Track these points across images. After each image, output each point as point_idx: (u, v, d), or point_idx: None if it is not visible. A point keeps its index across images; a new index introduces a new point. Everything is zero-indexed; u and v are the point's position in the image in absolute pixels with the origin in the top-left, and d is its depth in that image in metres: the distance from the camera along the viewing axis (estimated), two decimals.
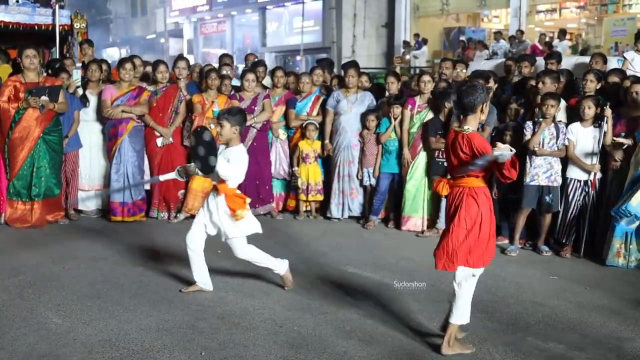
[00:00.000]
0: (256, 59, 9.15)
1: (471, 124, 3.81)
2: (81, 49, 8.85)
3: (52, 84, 6.70)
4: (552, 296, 4.98)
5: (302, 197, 7.41)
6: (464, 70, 7.26)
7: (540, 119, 6.06)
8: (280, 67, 8.49)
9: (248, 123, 7.24)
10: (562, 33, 15.57)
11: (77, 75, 7.45)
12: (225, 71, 8.00)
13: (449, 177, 4.04)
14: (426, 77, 7.02)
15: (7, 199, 6.72)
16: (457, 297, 3.86)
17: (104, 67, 7.72)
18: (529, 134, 6.09)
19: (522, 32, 15.64)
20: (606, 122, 5.85)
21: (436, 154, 6.79)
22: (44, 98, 6.51)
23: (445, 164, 6.58)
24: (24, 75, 6.65)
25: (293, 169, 7.42)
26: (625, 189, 5.66)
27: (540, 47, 14.19)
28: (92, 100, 7.21)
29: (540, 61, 7.82)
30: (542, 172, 6.08)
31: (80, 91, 7.25)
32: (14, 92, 6.58)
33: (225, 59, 8.79)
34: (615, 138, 5.87)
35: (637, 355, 4.00)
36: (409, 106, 6.97)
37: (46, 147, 6.67)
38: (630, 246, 5.72)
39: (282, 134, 7.54)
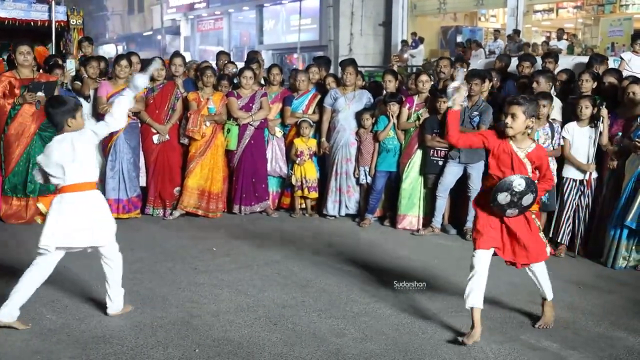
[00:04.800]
0: (262, 58, 9.10)
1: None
2: (80, 46, 8.83)
3: (46, 80, 6.69)
4: None
5: (298, 192, 7.41)
6: (464, 70, 7.24)
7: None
8: (276, 64, 8.47)
9: (245, 121, 7.27)
10: (562, 32, 15.60)
11: (71, 65, 7.43)
12: (230, 69, 8.00)
13: None
14: (424, 77, 7.04)
15: (2, 195, 6.71)
16: None
17: (102, 64, 7.70)
18: None
19: (518, 33, 15.65)
20: (602, 122, 5.87)
21: (431, 152, 6.80)
22: (40, 94, 6.49)
23: (441, 162, 6.69)
24: (19, 71, 6.63)
25: (290, 172, 7.43)
26: (625, 192, 5.68)
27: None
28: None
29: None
30: None
31: (88, 87, 7.15)
32: (9, 88, 6.57)
33: (222, 57, 8.78)
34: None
35: (629, 354, 4.02)
36: (407, 105, 6.99)
37: (42, 143, 6.64)
38: (633, 247, 5.73)
39: (278, 132, 7.54)
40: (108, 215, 4.25)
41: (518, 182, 3.95)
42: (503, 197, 3.96)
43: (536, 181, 4.07)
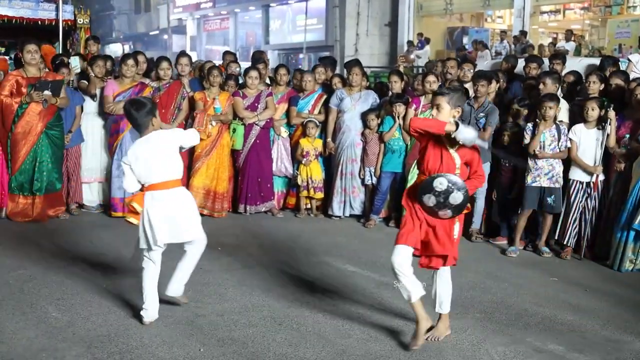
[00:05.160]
0: (268, 58, 9.12)
1: None
2: (87, 44, 8.85)
3: (53, 78, 6.71)
4: (551, 298, 4.98)
5: (304, 193, 7.41)
6: (471, 70, 7.20)
7: (538, 121, 6.06)
8: (283, 64, 8.48)
9: (251, 121, 7.28)
10: (570, 33, 15.54)
11: (75, 62, 7.44)
12: (233, 68, 8.02)
13: None
14: (431, 78, 7.01)
15: (8, 193, 6.73)
16: None
17: (108, 63, 7.71)
18: (528, 137, 6.08)
19: (524, 34, 15.61)
20: (609, 124, 5.85)
21: None
22: (47, 93, 6.51)
23: None
24: (25, 70, 6.65)
25: (296, 172, 7.42)
26: (632, 195, 5.66)
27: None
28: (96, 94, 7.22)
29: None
30: (544, 173, 6.07)
31: (94, 86, 7.16)
32: (15, 87, 6.59)
33: (228, 57, 8.79)
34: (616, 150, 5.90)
35: (636, 358, 4.00)
36: (414, 105, 6.98)
37: (48, 142, 6.68)
38: (639, 250, 5.71)
39: (284, 132, 7.54)
40: (196, 210, 4.41)
41: (439, 182, 3.79)
42: (427, 199, 3.83)
43: (463, 179, 3.88)
